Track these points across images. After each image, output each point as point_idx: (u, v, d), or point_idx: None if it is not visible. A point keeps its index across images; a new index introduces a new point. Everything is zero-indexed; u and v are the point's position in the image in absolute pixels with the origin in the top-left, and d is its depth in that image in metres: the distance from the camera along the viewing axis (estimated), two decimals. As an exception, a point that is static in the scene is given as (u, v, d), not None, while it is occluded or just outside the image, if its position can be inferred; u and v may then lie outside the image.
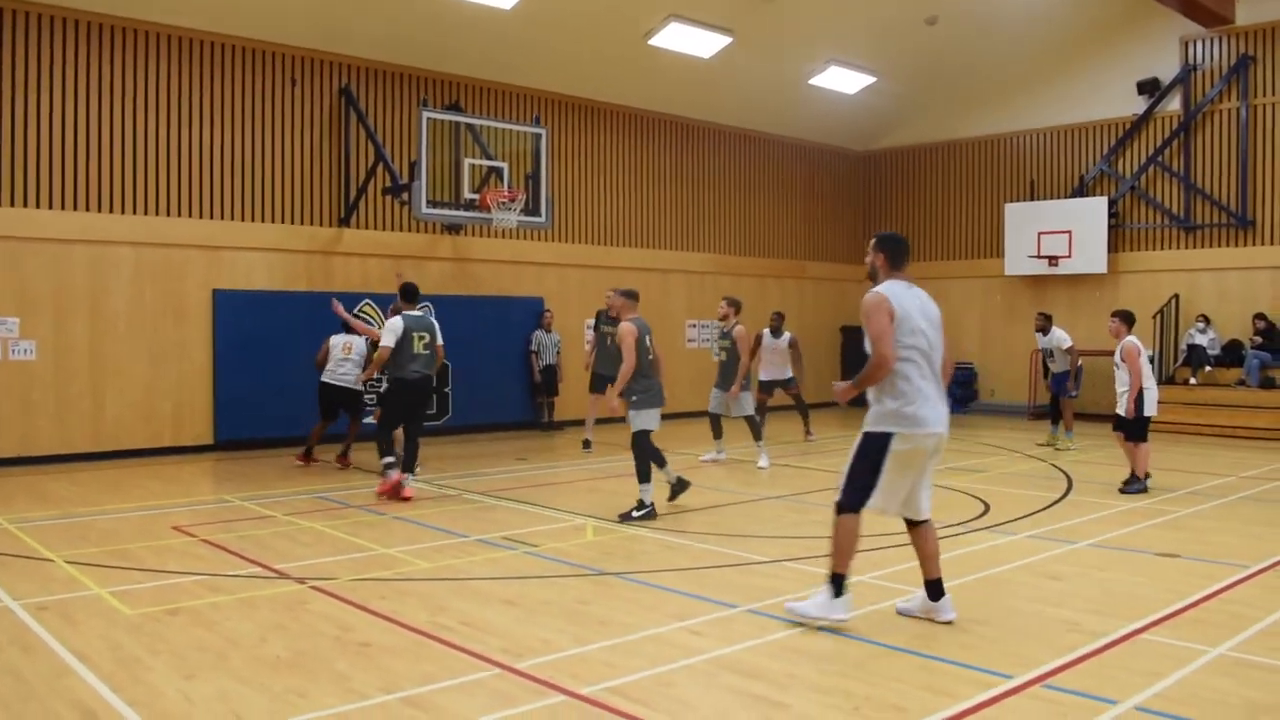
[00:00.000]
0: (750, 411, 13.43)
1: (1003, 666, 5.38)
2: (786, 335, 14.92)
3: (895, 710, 4.80)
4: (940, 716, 4.70)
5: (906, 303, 6.14)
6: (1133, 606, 6.53)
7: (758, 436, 13.50)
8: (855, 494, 6.07)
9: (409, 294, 11.42)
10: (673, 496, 10.25)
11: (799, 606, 6.15)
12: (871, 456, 6.04)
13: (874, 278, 6.34)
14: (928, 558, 6.28)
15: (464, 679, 5.23)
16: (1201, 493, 11.27)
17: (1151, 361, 18.48)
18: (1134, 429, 11.36)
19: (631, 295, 10.29)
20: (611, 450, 14.41)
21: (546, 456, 14.44)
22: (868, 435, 6.09)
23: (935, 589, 6.26)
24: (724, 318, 13.55)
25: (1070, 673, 5.31)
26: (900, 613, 6.38)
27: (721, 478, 12.22)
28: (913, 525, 6.30)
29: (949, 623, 6.17)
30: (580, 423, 15.98)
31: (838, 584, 6.07)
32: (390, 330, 10.88)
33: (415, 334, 10.92)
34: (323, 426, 13.19)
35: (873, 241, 6.41)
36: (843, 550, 6.09)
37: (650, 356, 9.98)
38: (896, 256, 6.34)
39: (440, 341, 11.30)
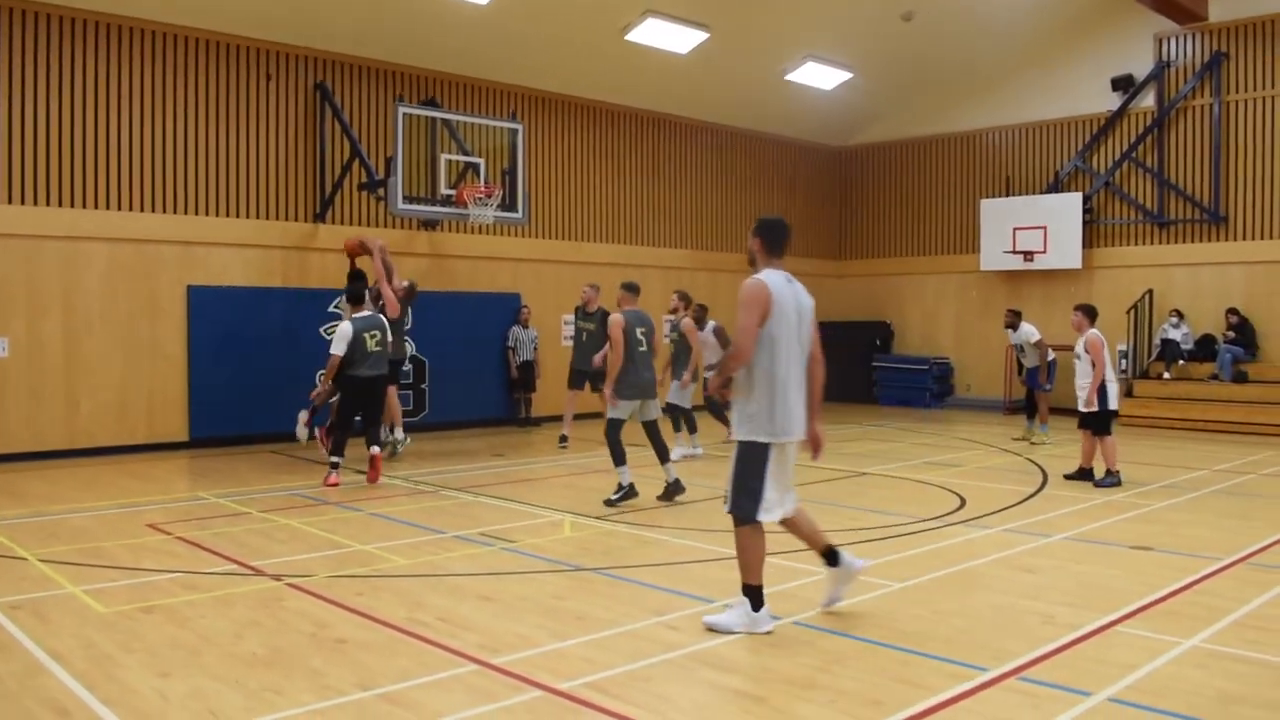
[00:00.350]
0: (677, 401, 13.60)
1: (978, 659, 5.41)
2: (710, 324, 14.79)
3: (872, 704, 4.82)
4: (916, 709, 4.73)
5: (785, 297, 5.98)
6: (1107, 599, 6.58)
7: (676, 429, 13.66)
8: (748, 504, 5.91)
9: (355, 297, 11.96)
10: (663, 496, 10.27)
11: (718, 621, 5.95)
12: (754, 465, 5.91)
13: (753, 264, 6.18)
14: (811, 537, 6.26)
15: (441, 675, 5.22)
16: (1175, 486, 11.36)
17: (1125, 357, 18.80)
18: (1099, 423, 11.44)
19: (628, 288, 10.45)
20: (589, 446, 14.39)
21: (524, 452, 14.41)
22: (745, 445, 5.95)
23: (832, 555, 6.22)
24: (674, 311, 13.82)
25: (1045, 665, 5.34)
26: (826, 606, 6.32)
27: (698, 472, 12.23)
28: (784, 520, 6.18)
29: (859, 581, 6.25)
30: (557, 418, 15.97)
31: (754, 596, 5.94)
32: (341, 337, 11.34)
33: (366, 334, 11.42)
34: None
35: (753, 227, 6.24)
36: (751, 562, 5.95)
37: (642, 348, 10.02)
38: (774, 243, 6.16)
39: (389, 337, 11.89)
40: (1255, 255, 18.33)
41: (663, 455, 10.30)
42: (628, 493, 9.92)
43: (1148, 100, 19.53)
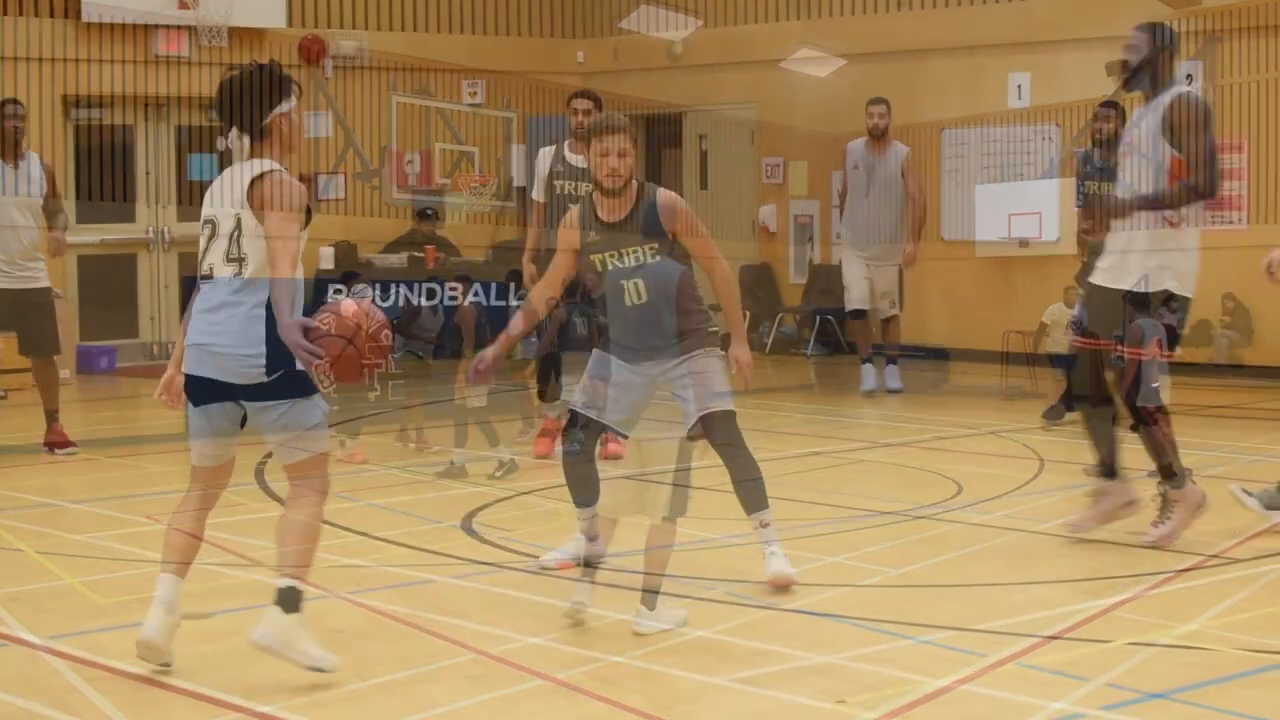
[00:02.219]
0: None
1: (977, 645, 5.41)
2: None
3: (869, 689, 4.82)
4: (914, 696, 4.73)
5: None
6: (1105, 584, 6.58)
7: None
8: None
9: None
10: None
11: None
12: None
13: None
14: None
15: (439, 664, 5.22)
16: (1171, 471, 11.32)
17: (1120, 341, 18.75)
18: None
19: None
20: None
21: (521, 440, 14.35)
22: None
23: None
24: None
25: (1043, 650, 5.34)
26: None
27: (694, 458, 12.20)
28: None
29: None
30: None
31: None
32: None
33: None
34: None
35: None
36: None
37: None
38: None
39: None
40: (1251, 240, 18.28)
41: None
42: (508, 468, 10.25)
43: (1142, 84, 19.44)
